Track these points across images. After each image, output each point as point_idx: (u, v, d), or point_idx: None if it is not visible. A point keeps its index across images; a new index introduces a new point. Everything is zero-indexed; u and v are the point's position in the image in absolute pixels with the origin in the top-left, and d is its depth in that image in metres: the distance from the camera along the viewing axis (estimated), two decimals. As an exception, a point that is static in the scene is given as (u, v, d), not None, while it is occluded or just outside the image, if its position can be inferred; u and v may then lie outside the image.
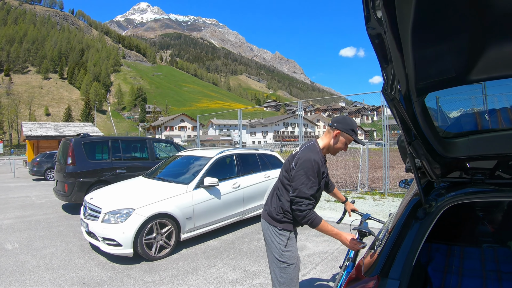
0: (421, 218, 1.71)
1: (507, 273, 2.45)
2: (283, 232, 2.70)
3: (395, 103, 1.47)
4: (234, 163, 6.89)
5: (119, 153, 9.07)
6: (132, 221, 4.87)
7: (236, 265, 4.90)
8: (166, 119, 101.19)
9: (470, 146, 1.68)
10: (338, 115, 2.89)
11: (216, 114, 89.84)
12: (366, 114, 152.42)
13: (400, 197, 10.27)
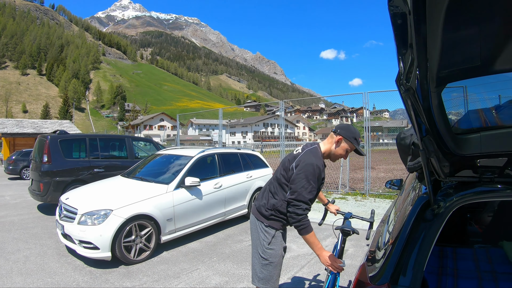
0: (430, 220, 1.61)
1: (502, 273, 2.42)
2: (269, 229, 2.70)
3: (410, 94, 1.34)
4: (215, 163, 6.70)
5: (97, 151, 8.72)
6: (109, 222, 4.61)
7: (219, 268, 4.70)
8: (146, 118, 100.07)
9: (482, 142, 1.58)
10: (343, 123, 2.79)
11: (196, 114, 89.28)
12: (346, 116, 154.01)
13: (381, 198, 10.28)
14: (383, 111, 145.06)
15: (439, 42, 1.12)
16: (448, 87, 1.42)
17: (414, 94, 1.32)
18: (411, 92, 1.32)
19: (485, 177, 1.69)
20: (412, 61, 1.23)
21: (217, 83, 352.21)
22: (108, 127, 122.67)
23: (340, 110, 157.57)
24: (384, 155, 33.15)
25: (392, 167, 20.87)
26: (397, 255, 1.57)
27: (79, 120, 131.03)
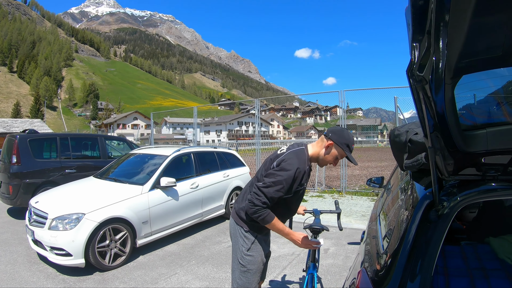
0: (435, 221, 1.52)
1: (492, 270, 2.37)
2: (248, 234, 2.51)
3: (422, 86, 1.23)
4: (192, 162, 6.49)
5: (69, 151, 8.30)
6: (82, 227, 4.33)
7: (198, 272, 4.51)
8: (119, 116, 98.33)
9: (488, 139, 1.48)
10: (336, 126, 2.65)
11: (171, 112, 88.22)
12: (320, 114, 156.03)
13: (358, 195, 10.34)
14: (357, 110, 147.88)
15: (465, 29, 1.03)
16: (463, 79, 1.32)
17: (427, 85, 1.21)
18: (423, 83, 1.21)
19: (488, 175, 1.60)
20: (428, 49, 1.12)
21: (192, 82, 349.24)
22: (80, 126, 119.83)
23: (314, 108, 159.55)
24: (359, 153, 33.69)
25: (367, 164, 21.14)
26: (404, 260, 1.48)
27: (51, 119, 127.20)
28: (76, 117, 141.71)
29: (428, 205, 1.58)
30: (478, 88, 1.49)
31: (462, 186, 1.61)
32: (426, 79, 1.20)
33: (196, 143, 16.20)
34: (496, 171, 1.60)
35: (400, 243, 1.56)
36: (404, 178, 2.74)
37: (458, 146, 1.45)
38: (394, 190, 2.94)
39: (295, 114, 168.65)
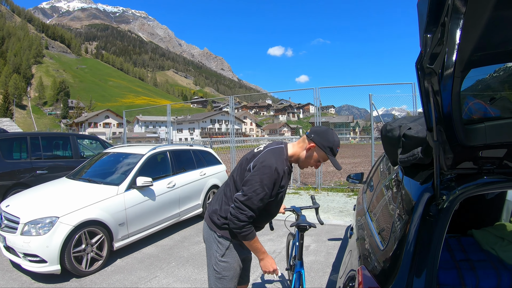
0: (436, 216, 1.50)
1: (478, 261, 2.40)
2: (222, 240, 2.35)
3: (431, 78, 1.19)
4: (168, 161, 6.32)
5: (39, 151, 7.89)
6: (56, 231, 4.10)
7: (179, 274, 4.38)
8: (90, 115, 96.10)
9: (487, 133, 1.48)
10: (320, 126, 2.42)
11: (143, 110, 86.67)
12: (293, 111, 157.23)
13: (334, 191, 10.44)
14: (329, 107, 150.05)
15: (482, 21, 1.01)
16: (471, 72, 1.30)
17: (436, 78, 1.17)
18: (433, 76, 1.17)
19: (485, 169, 1.61)
20: (441, 41, 1.08)
21: (164, 79, 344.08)
22: (51, 125, 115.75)
23: (287, 106, 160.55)
24: (331, 149, 34.11)
25: (341, 161, 21.41)
26: (410, 256, 1.45)
27: (20, 118, 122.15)
28: (46, 116, 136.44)
29: (428, 199, 1.56)
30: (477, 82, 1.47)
31: (460, 180, 1.61)
32: (436, 71, 1.18)
33: (169, 141, 15.93)
34: (492, 164, 1.61)
35: (402, 239, 1.54)
36: (389, 174, 2.73)
37: (460, 140, 1.44)
38: (379, 187, 2.93)
39: (268, 112, 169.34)
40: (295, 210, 3.17)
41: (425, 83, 1.26)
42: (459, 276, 2.24)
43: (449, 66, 1.18)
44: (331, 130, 2.31)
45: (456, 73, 1.21)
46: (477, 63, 1.27)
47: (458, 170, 1.61)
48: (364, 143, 50.71)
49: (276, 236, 5.86)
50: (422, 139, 1.70)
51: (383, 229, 1.95)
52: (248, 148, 15.66)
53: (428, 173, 1.74)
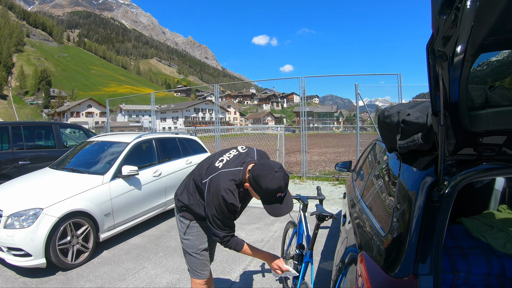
0: (439, 201, 1.50)
1: (468, 248, 2.42)
2: (183, 219, 2.57)
3: (442, 61, 1.18)
4: (153, 149, 6.21)
5: (21, 141, 7.64)
6: (41, 224, 3.96)
7: (167, 264, 4.32)
8: (72, 104, 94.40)
9: (489, 119, 1.49)
10: (263, 164, 2.08)
11: (126, 99, 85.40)
12: (277, 101, 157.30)
13: (319, 180, 10.51)
14: (313, 97, 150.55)
15: (500, 4, 0.99)
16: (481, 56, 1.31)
17: (447, 60, 1.15)
18: (443, 59, 1.15)
19: (485, 155, 1.61)
20: (454, 23, 1.07)
21: (147, 68, 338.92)
22: (32, 115, 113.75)
23: (271, 95, 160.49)
24: (316, 139, 34.40)
25: (325, 150, 21.58)
26: (415, 242, 1.45)
27: (1, 109, 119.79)
28: (27, 106, 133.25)
29: (430, 185, 1.56)
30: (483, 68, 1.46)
31: (461, 166, 1.61)
32: (447, 54, 1.15)
33: (153, 130, 15.76)
34: (492, 151, 1.61)
35: (405, 225, 1.54)
36: (382, 162, 2.71)
37: (464, 125, 1.43)
38: (372, 174, 2.92)
39: (251, 101, 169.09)
40: (301, 198, 3.14)
41: (435, 66, 1.24)
42: (451, 262, 2.25)
43: (461, 49, 1.16)
44: (271, 174, 1.99)
45: (467, 57, 1.20)
46: (488, 47, 1.26)
47: (459, 156, 1.61)
48: (347, 133, 51.15)
49: (263, 225, 5.85)
50: (422, 125, 1.68)
51: (382, 216, 1.94)
52: (233, 138, 15.60)
53: (428, 160, 1.73)
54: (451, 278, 2.21)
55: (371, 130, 21.35)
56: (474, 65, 1.36)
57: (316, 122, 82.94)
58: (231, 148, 2.52)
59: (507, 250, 2.27)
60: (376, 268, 1.56)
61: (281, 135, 12.27)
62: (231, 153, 2.39)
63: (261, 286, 3.75)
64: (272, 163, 2.08)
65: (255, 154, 2.40)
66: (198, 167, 2.52)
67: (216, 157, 2.41)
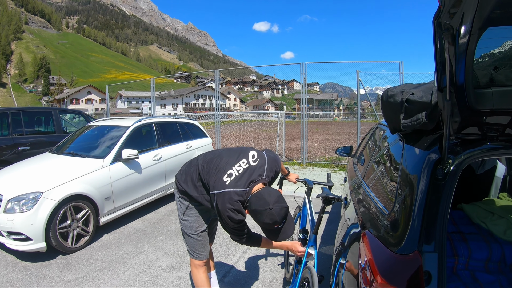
0: (443, 179, 1.49)
1: (469, 233, 2.42)
2: (182, 199, 2.58)
3: (449, 34, 1.16)
4: (154, 133, 6.19)
5: (21, 127, 7.61)
6: (41, 207, 3.95)
7: (167, 248, 4.34)
8: (72, 91, 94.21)
9: (494, 98, 1.47)
10: (260, 198, 2.08)
11: (126, 85, 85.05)
12: (277, 88, 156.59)
13: (318, 167, 10.50)
14: (314, 84, 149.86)
15: None
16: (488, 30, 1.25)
17: (454, 34, 1.12)
18: (450, 32, 1.13)
19: (489, 135, 1.60)
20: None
21: (147, 54, 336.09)
22: (32, 102, 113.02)
23: (272, 82, 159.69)
24: (316, 126, 34.30)
25: (325, 137, 21.55)
26: (420, 219, 1.44)
27: (1, 97, 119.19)
28: (27, 94, 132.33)
29: (435, 163, 1.55)
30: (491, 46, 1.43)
31: (465, 145, 1.60)
32: (453, 27, 1.13)
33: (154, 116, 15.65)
34: (496, 131, 1.59)
35: (409, 203, 1.53)
36: (385, 144, 2.70)
37: (469, 103, 1.41)
38: (374, 157, 2.90)
39: (252, 88, 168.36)
40: (307, 182, 3.12)
41: (441, 40, 1.22)
42: (451, 247, 2.26)
43: (467, 22, 1.14)
44: (266, 211, 2.03)
45: (474, 30, 1.18)
46: (495, 21, 1.22)
47: (463, 135, 1.60)
48: (348, 121, 51.03)
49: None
50: (426, 104, 1.66)
51: (385, 196, 1.93)
52: (233, 124, 15.55)
53: (432, 139, 1.71)
54: (452, 263, 2.21)
55: (372, 118, 21.27)
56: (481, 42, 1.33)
57: (317, 109, 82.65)
58: (240, 151, 2.42)
59: (508, 237, 2.26)
60: (380, 246, 1.56)
61: (281, 121, 12.25)
62: (240, 166, 2.28)
63: (262, 269, 3.77)
64: (268, 197, 2.07)
65: (265, 168, 2.33)
66: (203, 161, 2.46)
67: (223, 161, 2.34)
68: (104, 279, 3.55)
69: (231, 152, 2.43)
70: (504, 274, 2.14)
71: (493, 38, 1.37)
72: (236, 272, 3.72)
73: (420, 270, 1.31)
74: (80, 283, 3.48)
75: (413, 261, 1.36)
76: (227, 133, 14.67)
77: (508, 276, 2.11)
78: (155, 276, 3.61)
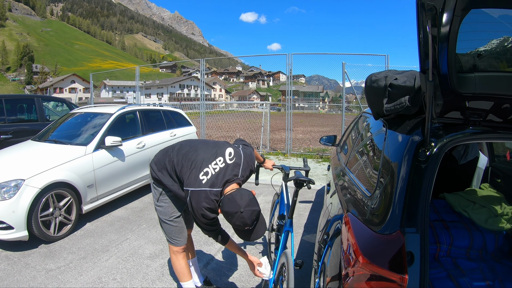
0: (426, 161, 1.51)
1: (450, 222, 2.48)
2: (155, 185, 2.59)
3: (432, 15, 1.17)
4: (137, 121, 6.10)
5: (3, 115, 7.38)
6: (22, 195, 3.86)
7: (150, 236, 4.32)
8: (56, 80, 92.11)
9: (476, 83, 1.49)
10: (230, 199, 2.11)
11: (111, 74, 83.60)
12: (263, 79, 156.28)
13: (303, 157, 10.54)
14: (300, 76, 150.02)
15: None
16: (471, 13, 1.26)
17: (436, 14, 1.13)
18: (433, 12, 1.13)
19: (471, 120, 1.63)
20: None
21: (132, 43, 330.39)
22: (14, 91, 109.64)
23: (257, 73, 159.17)
24: (301, 118, 34.47)
25: (309, 129, 21.65)
26: (402, 199, 1.46)
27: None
28: (9, 82, 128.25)
29: (417, 145, 1.57)
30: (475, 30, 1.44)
31: (448, 129, 1.62)
32: (436, 8, 1.13)
33: (138, 105, 15.44)
34: (479, 116, 1.61)
35: (392, 184, 1.55)
36: (368, 131, 2.72)
37: (451, 86, 1.42)
38: (357, 144, 2.93)
39: (237, 79, 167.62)
40: (284, 168, 3.10)
41: (424, 20, 1.22)
42: (434, 234, 2.30)
43: (450, 2, 1.14)
44: (236, 214, 2.06)
45: (457, 11, 1.18)
46: (478, 2, 1.24)
47: (446, 119, 1.62)
48: (332, 113, 51.30)
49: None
50: (409, 88, 1.68)
51: (368, 179, 1.96)
52: (218, 115, 15.47)
53: (414, 122, 1.73)
54: (434, 250, 2.26)
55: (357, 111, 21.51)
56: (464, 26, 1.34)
57: (302, 101, 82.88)
58: (216, 147, 2.39)
59: (489, 225, 2.32)
60: (362, 226, 1.57)
61: (266, 112, 12.25)
62: (217, 164, 2.25)
63: (243, 259, 3.78)
64: (240, 200, 2.08)
65: (241, 167, 2.34)
66: (178, 153, 2.43)
67: (199, 157, 2.29)
68: (87, 267, 3.52)
69: (207, 146, 2.39)
70: (485, 262, 2.19)
71: (476, 22, 1.39)
72: (219, 260, 3.73)
73: (403, 250, 1.32)
74: (63, 271, 3.44)
75: (395, 241, 1.36)
76: (212, 123, 14.60)
77: (489, 263, 2.16)
78: (138, 264, 3.59)
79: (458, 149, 3.35)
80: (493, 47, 1.51)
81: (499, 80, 1.48)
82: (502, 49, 1.49)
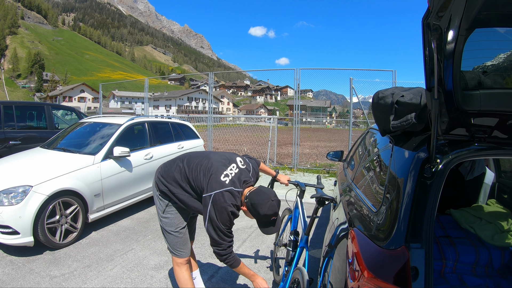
0: (431, 178, 1.52)
1: (457, 238, 2.47)
2: (161, 197, 2.59)
3: (436, 35, 1.19)
4: (146, 132, 6.16)
5: (13, 121, 7.49)
6: (30, 201, 3.90)
7: (155, 247, 4.32)
8: (65, 88, 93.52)
9: (481, 100, 1.51)
10: (259, 191, 2.28)
11: (120, 85, 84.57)
12: (270, 93, 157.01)
13: (309, 172, 10.54)
14: (307, 91, 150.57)
15: None
16: (476, 32, 1.30)
17: (442, 35, 1.16)
18: (438, 33, 1.17)
19: (477, 136, 1.64)
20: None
21: (142, 54, 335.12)
22: (24, 98, 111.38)
23: (265, 87, 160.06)
24: (308, 133, 34.46)
25: (316, 144, 21.64)
26: (407, 215, 1.47)
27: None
28: (20, 89, 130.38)
29: (423, 162, 1.58)
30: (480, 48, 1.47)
31: (453, 145, 1.63)
32: (441, 28, 1.17)
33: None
34: (484, 133, 1.63)
35: (397, 200, 1.56)
36: (375, 148, 2.73)
37: (456, 103, 1.45)
38: (364, 160, 2.94)
39: (245, 92, 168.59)
40: (299, 184, 3.14)
41: (430, 40, 1.25)
42: (439, 250, 2.29)
43: (455, 22, 1.17)
44: (268, 203, 2.19)
45: (461, 31, 1.21)
46: (482, 22, 1.27)
47: (451, 136, 1.64)
48: (340, 128, 51.22)
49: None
50: (415, 105, 1.71)
51: (374, 194, 1.96)
52: (225, 128, 15.54)
53: (420, 139, 1.75)
54: (440, 266, 2.24)
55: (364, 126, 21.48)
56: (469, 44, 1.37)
57: (309, 116, 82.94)
58: (226, 157, 2.52)
59: (495, 242, 2.31)
60: (368, 241, 1.58)
61: (273, 127, 12.29)
62: (232, 169, 2.40)
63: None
64: (267, 191, 2.26)
65: (251, 173, 2.53)
66: (188, 163, 2.51)
67: (215, 165, 2.40)
68: (91, 276, 3.53)
69: (219, 155, 2.54)
70: (491, 278, 2.17)
71: (481, 40, 1.41)
72: (224, 273, 3.72)
73: (408, 265, 1.33)
74: (67, 279, 3.45)
75: (400, 256, 1.37)
76: (219, 136, 14.66)
77: (495, 280, 2.14)
78: (142, 274, 3.59)
79: (465, 165, 3.34)
80: (498, 63, 1.53)
81: (504, 97, 1.51)
82: (507, 66, 1.52)
